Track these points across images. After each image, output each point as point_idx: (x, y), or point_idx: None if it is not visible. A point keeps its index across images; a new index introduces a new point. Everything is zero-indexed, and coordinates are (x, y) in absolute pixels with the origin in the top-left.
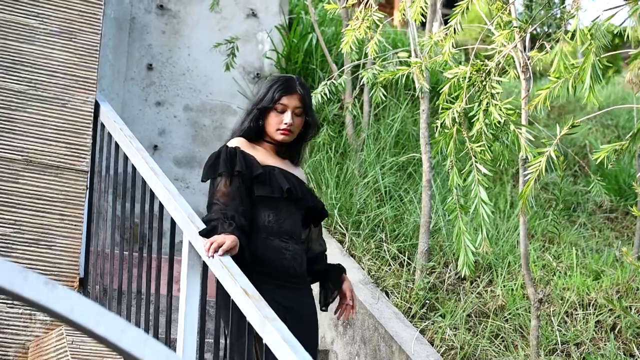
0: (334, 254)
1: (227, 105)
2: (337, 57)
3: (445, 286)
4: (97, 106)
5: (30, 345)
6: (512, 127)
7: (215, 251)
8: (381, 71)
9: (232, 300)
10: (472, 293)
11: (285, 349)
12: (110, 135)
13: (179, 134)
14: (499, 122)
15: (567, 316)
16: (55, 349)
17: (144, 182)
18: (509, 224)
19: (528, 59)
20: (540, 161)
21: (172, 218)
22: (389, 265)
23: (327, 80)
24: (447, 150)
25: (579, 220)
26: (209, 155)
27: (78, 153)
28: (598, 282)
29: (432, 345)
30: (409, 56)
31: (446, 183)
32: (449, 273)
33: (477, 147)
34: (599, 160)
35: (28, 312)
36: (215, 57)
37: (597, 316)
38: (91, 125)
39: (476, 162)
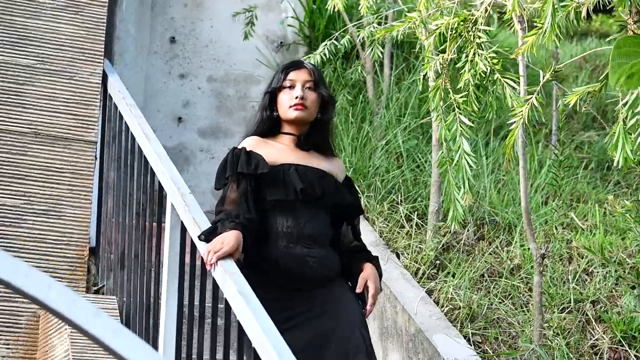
0: None
1: (250, 74)
2: (360, 20)
3: (461, 246)
4: (106, 78)
5: (41, 312)
6: (497, 76)
7: (217, 254)
8: (379, 28)
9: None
10: (488, 253)
11: (239, 300)
12: (117, 106)
13: (203, 105)
14: (484, 72)
15: (587, 274)
16: None
17: (140, 150)
18: (535, 184)
19: (523, 9)
20: (523, 110)
21: (159, 181)
22: (402, 226)
23: (328, 40)
24: (434, 104)
25: (612, 178)
26: (233, 125)
27: (86, 124)
28: (623, 240)
29: (438, 305)
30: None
31: None
32: (467, 233)
33: (459, 97)
34: (571, 104)
35: None
36: (238, 27)
37: (617, 273)
38: (99, 97)
39: (460, 113)
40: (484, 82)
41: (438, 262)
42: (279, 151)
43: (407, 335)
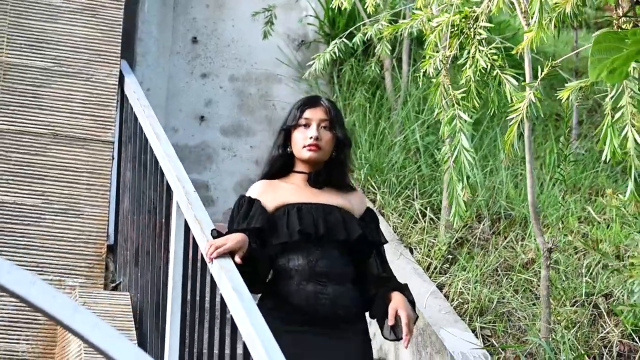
0: None
1: (272, 73)
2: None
3: (476, 241)
4: (123, 79)
5: None
6: (496, 72)
7: (218, 251)
8: (387, 26)
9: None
10: (504, 247)
11: (232, 296)
12: (132, 107)
13: (225, 104)
14: (484, 69)
15: (602, 268)
16: None
17: (151, 149)
18: (554, 179)
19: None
20: (522, 105)
21: (166, 180)
22: (416, 222)
23: (338, 39)
24: (435, 101)
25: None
26: (255, 123)
27: (103, 125)
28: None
29: (448, 299)
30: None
31: (474, 135)
32: (482, 227)
33: (458, 93)
34: (564, 100)
35: (57, 278)
36: (259, 27)
37: (632, 267)
38: (115, 97)
39: (459, 109)
40: (485, 78)
41: (451, 256)
42: (288, 192)
43: (416, 329)
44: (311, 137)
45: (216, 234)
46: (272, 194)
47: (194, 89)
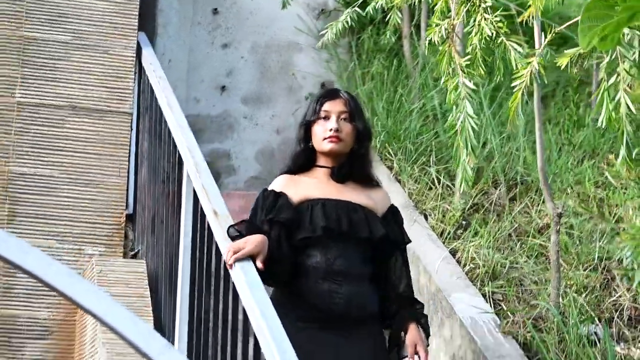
0: (382, 179)
1: (292, 42)
2: None
3: (493, 207)
4: (141, 51)
5: None
6: (501, 39)
7: (236, 256)
8: None
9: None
10: (519, 213)
11: (245, 290)
12: (149, 78)
13: (246, 73)
14: (489, 36)
15: (616, 232)
16: (89, 277)
17: (166, 120)
18: (574, 143)
19: None
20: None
21: (179, 150)
22: (431, 188)
23: (351, 8)
24: (442, 69)
25: None
26: (276, 92)
27: (121, 96)
28: None
29: (461, 264)
30: None
31: (493, 101)
32: (499, 193)
33: (463, 61)
34: (563, 66)
35: (77, 247)
36: None
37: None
38: (132, 69)
39: (464, 77)
40: (490, 46)
41: (465, 222)
42: (310, 187)
43: (428, 294)
44: (331, 129)
45: (233, 232)
46: (295, 189)
47: (215, 59)
